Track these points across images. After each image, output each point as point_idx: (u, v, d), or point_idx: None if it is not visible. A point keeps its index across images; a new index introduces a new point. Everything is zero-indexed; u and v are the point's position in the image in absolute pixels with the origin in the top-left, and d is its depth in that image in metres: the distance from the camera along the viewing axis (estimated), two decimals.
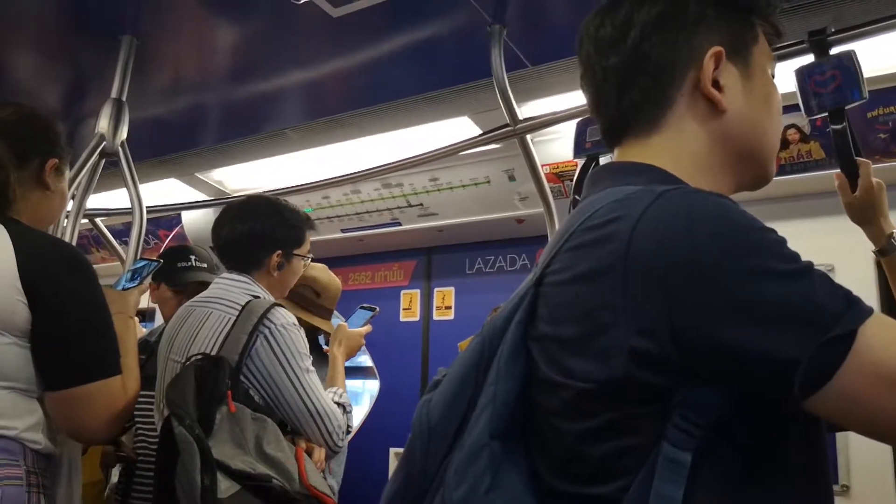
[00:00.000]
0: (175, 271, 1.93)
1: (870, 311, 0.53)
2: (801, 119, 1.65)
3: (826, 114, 1.11)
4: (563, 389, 0.60)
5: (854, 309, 0.53)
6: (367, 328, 1.91)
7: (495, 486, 0.59)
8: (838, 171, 1.14)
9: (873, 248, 1.13)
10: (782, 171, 1.75)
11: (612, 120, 0.75)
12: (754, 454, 0.57)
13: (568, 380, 0.59)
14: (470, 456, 0.61)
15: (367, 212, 2.55)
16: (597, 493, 0.58)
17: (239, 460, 1.22)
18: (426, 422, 0.67)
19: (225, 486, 1.18)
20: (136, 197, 1.91)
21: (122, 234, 2.70)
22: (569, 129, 1.91)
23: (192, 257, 1.98)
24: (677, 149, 0.70)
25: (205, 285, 1.70)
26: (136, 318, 2.10)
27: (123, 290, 1.51)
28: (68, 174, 1.35)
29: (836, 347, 0.51)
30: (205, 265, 1.98)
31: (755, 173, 0.74)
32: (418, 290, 2.80)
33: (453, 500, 0.60)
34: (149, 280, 1.62)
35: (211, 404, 1.28)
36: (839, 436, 1.69)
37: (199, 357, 1.37)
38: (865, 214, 1.12)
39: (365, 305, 1.98)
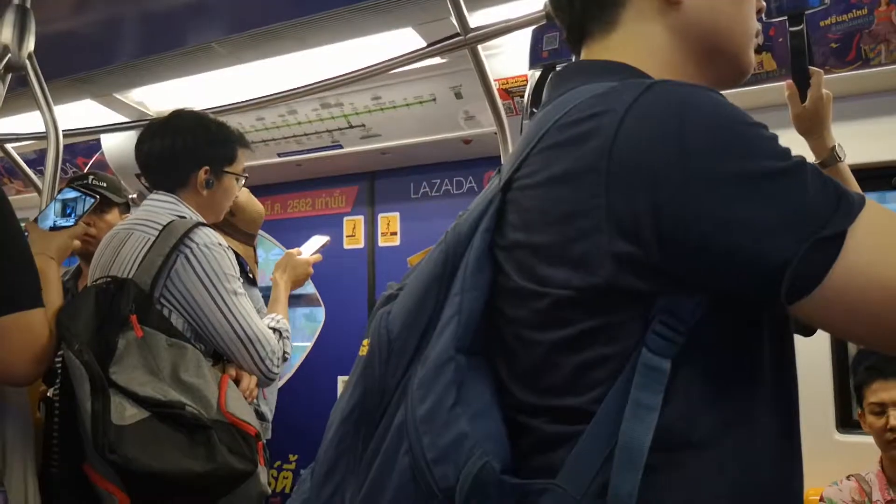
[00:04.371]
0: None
1: (861, 205, 0.51)
2: None
3: (784, 18, 1.09)
4: (535, 299, 0.56)
5: (844, 206, 0.50)
6: (317, 257, 1.87)
7: (461, 401, 0.57)
8: (789, 80, 1.13)
9: (815, 160, 1.13)
10: None
11: (570, 23, 0.72)
12: (729, 362, 0.55)
13: (542, 288, 0.56)
14: (434, 369, 0.58)
15: (305, 134, 2.42)
16: (569, 405, 0.55)
17: (150, 387, 1.17)
18: (385, 334, 0.63)
19: (130, 413, 1.13)
20: (51, 118, 1.75)
21: (35, 163, 2.50)
22: (514, 43, 1.85)
23: (91, 178, 1.88)
24: (639, 47, 0.67)
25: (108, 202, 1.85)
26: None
27: (54, 227, 1.37)
28: None
29: (825, 250, 0.49)
30: (104, 184, 1.88)
31: (729, 68, 0.71)
32: (362, 217, 2.72)
33: (417, 416, 0.57)
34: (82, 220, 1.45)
35: (111, 329, 1.20)
36: None
37: (105, 280, 1.28)
38: (811, 125, 1.11)
39: (318, 236, 1.94)
